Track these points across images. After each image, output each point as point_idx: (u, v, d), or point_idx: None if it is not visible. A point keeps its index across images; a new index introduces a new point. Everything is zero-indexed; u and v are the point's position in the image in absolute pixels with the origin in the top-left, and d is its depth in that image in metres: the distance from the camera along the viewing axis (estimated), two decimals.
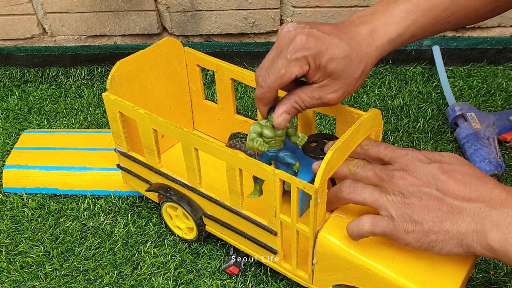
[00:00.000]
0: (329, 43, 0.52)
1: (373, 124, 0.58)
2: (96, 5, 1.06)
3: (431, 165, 0.51)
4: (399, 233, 0.50)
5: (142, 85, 0.72)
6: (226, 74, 0.71)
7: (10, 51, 1.09)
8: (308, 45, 0.51)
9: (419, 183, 0.50)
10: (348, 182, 0.54)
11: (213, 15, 1.05)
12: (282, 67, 0.52)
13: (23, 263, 0.70)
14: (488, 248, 0.47)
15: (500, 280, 0.64)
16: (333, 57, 0.52)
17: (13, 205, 0.79)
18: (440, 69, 0.94)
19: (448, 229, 0.48)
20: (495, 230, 0.46)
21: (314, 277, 0.58)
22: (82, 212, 0.77)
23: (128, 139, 0.69)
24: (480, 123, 0.81)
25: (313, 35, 0.52)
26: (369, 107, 0.91)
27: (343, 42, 0.52)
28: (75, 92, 1.03)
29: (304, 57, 0.52)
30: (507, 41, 1.01)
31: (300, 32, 0.52)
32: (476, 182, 0.49)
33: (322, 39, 0.52)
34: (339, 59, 0.52)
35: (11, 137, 0.93)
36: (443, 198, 0.49)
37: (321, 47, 0.52)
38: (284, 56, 0.52)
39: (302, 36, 0.52)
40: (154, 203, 0.77)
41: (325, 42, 0.52)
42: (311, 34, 0.52)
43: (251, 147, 0.58)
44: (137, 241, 0.72)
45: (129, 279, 0.67)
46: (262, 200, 0.69)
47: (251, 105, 0.96)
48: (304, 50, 0.51)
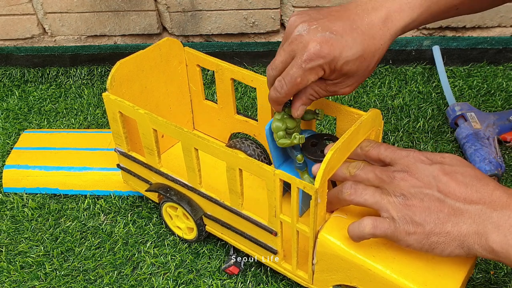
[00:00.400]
0: (343, 46, 0.51)
1: (373, 124, 0.58)
2: (96, 5, 1.06)
3: (432, 166, 0.51)
4: (400, 235, 0.50)
5: (142, 85, 0.72)
6: (226, 74, 0.71)
7: (10, 51, 1.09)
8: (323, 53, 0.51)
9: (420, 185, 0.50)
10: (348, 184, 0.54)
11: (213, 15, 1.05)
12: (298, 75, 0.52)
13: (23, 263, 0.70)
14: (489, 250, 0.47)
15: (500, 280, 0.64)
16: (348, 60, 0.51)
17: (13, 205, 0.79)
18: (440, 69, 0.94)
19: (449, 231, 0.48)
20: (496, 232, 0.46)
21: (314, 277, 0.58)
22: (82, 212, 0.77)
23: (128, 139, 0.69)
24: (480, 123, 0.81)
25: (326, 40, 0.51)
26: (369, 107, 0.91)
27: (356, 41, 0.51)
28: (75, 92, 1.03)
29: (319, 65, 0.51)
30: (507, 41, 1.01)
31: (312, 39, 0.51)
32: (478, 184, 0.49)
33: (336, 44, 0.51)
34: (353, 60, 0.52)
35: (11, 137, 0.93)
36: (444, 199, 0.49)
37: (335, 53, 0.51)
38: (298, 64, 0.52)
39: (316, 45, 0.51)
40: (154, 203, 0.77)
41: (339, 46, 0.51)
42: (324, 40, 0.51)
43: (289, 143, 0.58)
44: (137, 241, 0.72)
45: (129, 279, 0.67)
46: (262, 200, 0.69)
47: (251, 105, 0.96)
48: (319, 59, 0.51)
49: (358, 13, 0.53)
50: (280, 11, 1.04)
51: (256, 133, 0.75)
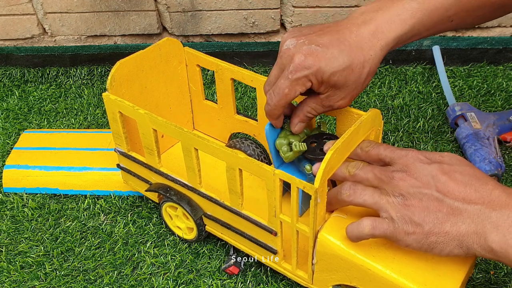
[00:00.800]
0: (328, 58, 0.52)
1: (373, 124, 0.58)
2: (96, 5, 1.06)
3: (431, 165, 0.51)
4: (400, 235, 0.50)
5: (142, 85, 0.72)
6: (226, 74, 0.71)
7: (10, 51, 1.09)
8: (307, 64, 0.52)
9: (419, 185, 0.50)
10: (347, 185, 0.54)
11: (213, 15, 1.05)
12: (285, 87, 0.53)
13: (23, 263, 0.70)
14: (488, 249, 0.47)
15: (500, 280, 0.64)
16: (334, 71, 0.52)
17: (13, 205, 0.79)
18: (440, 69, 0.94)
19: (448, 231, 0.48)
20: (495, 232, 0.46)
21: (314, 277, 0.58)
22: (82, 212, 0.77)
23: (128, 139, 0.69)
24: (480, 123, 0.81)
25: (311, 52, 0.52)
26: (369, 107, 0.91)
27: (343, 53, 0.52)
28: (75, 92, 1.03)
29: (305, 76, 0.52)
30: (507, 41, 1.01)
31: (298, 51, 0.52)
32: (477, 183, 0.49)
33: (321, 55, 0.52)
34: (340, 71, 0.52)
35: (11, 137, 0.93)
36: (443, 199, 0.49)
37: (320, 64, 0.52)
38: (286, 76, 0.53)
39: (300, 56, 0.52)
40: (154, 203, 0.77)
41: (324, 58, 0.52)
42: (309, 52, 0.52)
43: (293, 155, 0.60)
44: (137, 241, 0.72)
45: (129, 279, 0.67)
46: (262, 200, 0.69)
47: (251, 105, 0.96)
48: (304, 69, 0.52)
49: (348, 27, 0.54)
50: (280, 11, 1.04)
51: (256, 133, 0.75)
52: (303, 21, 1.05)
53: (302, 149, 0.58)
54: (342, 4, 1.02)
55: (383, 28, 0.54)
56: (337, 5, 1.02)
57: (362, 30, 0.53)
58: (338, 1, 1.02)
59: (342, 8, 1.03)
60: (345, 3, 1.02)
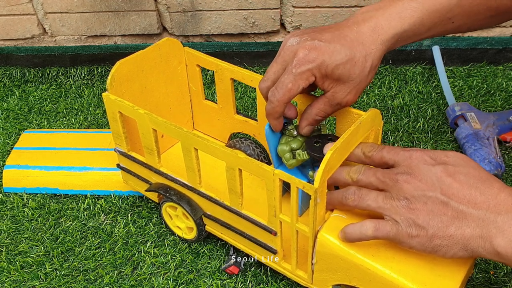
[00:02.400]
0: (331, 51, 0.53)
1: (372, 124, 0.58)
2: (96, 5, 1.06)
3: (436, 167, 0.50)
4: (403, 238, 0.50)
5: (142, 85, 0.72)
6: (226, 74, 0.71)
7: (10, 51, 1.09)
8: (311, 58, 0.52)
9: (423, 187, 0.50)
10: (352, 190, 0.54)
11: (213, 15, 1.05)
12: (289, 81, 0.53)
13: (23, 263, 0.70)
14: (494, 253, 0.47)
15: (500, 280, 0.64)
16: (337, 63, 0.53)
17: (13, 205, 0.79)
18: (440, 69, 0.94)
19: (452, 234, 0.48)
20: (501, 236, 0.46)
21: (313, 277, 0.58)
22: (82, 212, 0.77)
23: (128, 139, 0.69)
24: (480, 123, 0.81)
25: (314, 47, 0.53)
26: (369, 107, 0.91)
27: (344, 47, 0.53)
28: (75, 92, 1.03)
29: (308, 70, 0.53)
30: (507, 41, 1.01)
31: (302, 46, 0.53)
32: (482, 186, 0.49)
33: (324, 49, 0.53)
34: (343, 64, 0.53)
35: (11, 137, 0.93)
36: (448, 202, 0.49)
37: (324, 57, 0.52)
38: (289, 71, 0.53)
39: (304, 50, 0.53)
40: (154, 203, 0.77)
41: (327, 51, 0.53)
42: (312, 47, 0.53)
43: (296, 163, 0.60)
44: (137, 241, 0.72)
45: (129, 279, 0.67)
46: (262, 200, 0.69)
47: (251, 105, 0.96)
48: (308, 63, 0.53)
49: (349, 26, 0.55)
50: (280, 11, 1.05)
51: (256, 133, 0.75)
52: (303, 21, 1.05)
53: (305, 158, 0.58)
54: (342, 4, 1.02)
55: (383, 25, 0.55)
56: (337, 5, 1.02)
57: (362, 27, 0.55)
58: (338, 1, 1.02)
59: (342, 8, 1.03)
60: (345, 3, 1.02)
